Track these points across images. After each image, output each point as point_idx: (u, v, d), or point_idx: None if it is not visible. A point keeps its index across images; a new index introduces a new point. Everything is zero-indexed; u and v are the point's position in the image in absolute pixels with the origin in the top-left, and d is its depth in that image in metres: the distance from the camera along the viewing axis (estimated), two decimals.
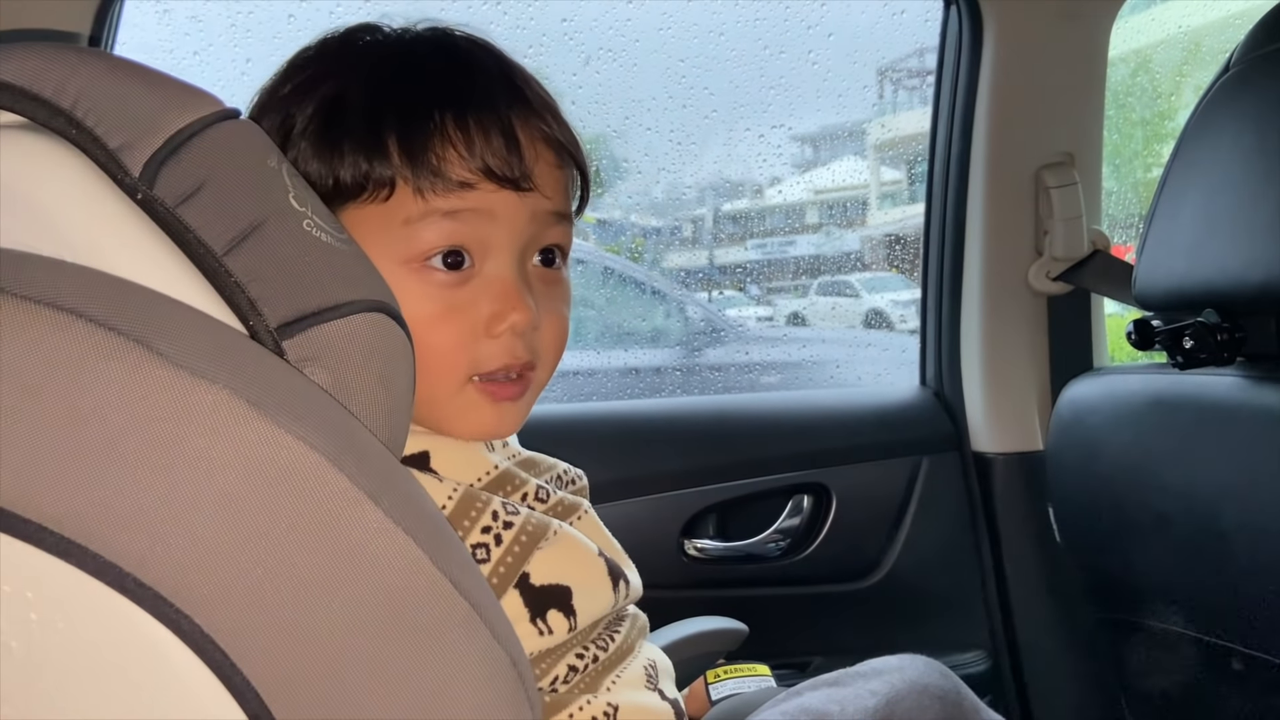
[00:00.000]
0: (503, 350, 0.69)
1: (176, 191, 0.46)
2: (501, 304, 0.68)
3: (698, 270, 2.17)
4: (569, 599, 0.71)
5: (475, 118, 0.67)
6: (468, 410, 0.70)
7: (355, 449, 0.43)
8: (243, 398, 0.40)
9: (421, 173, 0.66)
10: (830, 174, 2.25)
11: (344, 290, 0.48)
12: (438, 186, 0.66)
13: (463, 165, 0.66)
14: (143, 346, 0.39)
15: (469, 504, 0.69)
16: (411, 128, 0.66)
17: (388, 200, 0.67)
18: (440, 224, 0.67)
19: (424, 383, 0.68)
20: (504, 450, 0.79)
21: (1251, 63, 1.00)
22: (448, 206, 0.66)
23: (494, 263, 0.69)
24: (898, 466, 1.46)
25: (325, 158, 0.67)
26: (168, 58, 1.15)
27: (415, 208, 0.66)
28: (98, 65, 0.47)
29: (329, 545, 0.41)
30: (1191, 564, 1.06)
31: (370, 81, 0.69)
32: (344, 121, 0.67)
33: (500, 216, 0.68)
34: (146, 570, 0.39)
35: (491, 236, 0.68)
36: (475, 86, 0.69)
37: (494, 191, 0.67)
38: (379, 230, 0.67)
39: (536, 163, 0.69)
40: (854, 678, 0.86)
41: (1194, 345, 0.99)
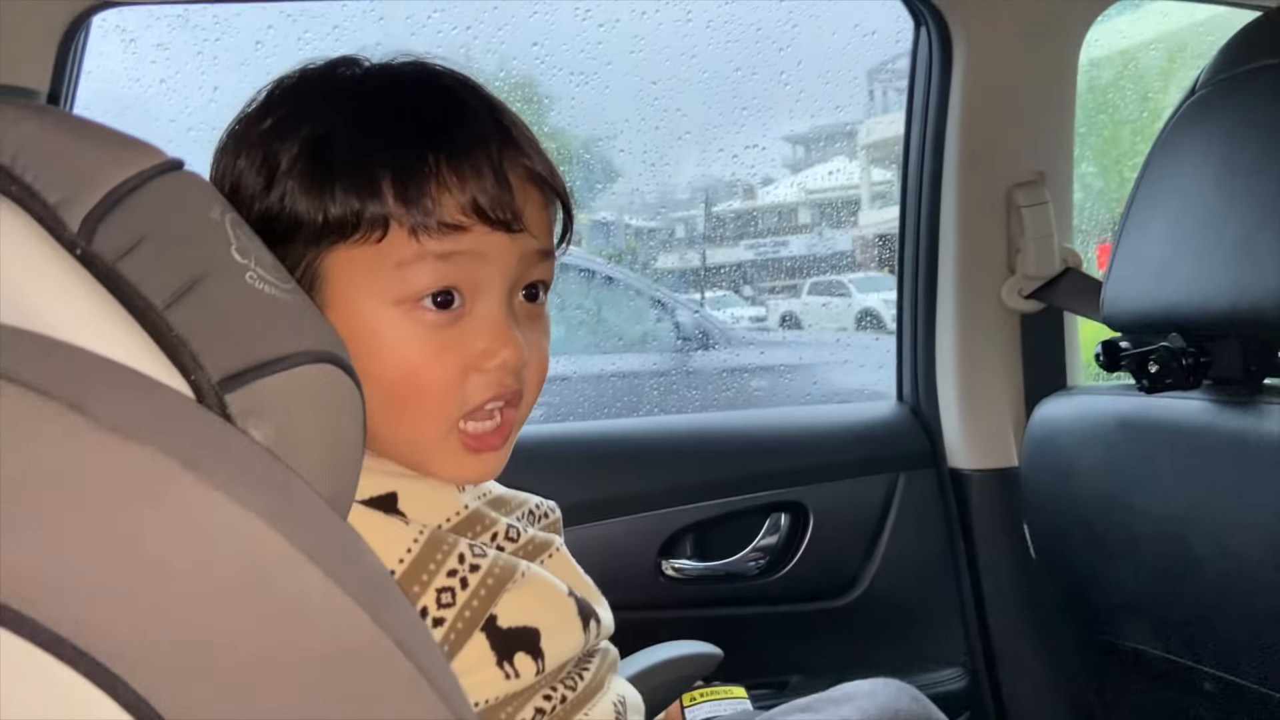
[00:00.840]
0: (492, 383, 0.70)
1: (116, 246, 0.45)
2: (493, 341, 0.69)
3: (689, 271, 2.17)
4: (537, 641, 0.71)
5: (469, 160, 0.67)
6: (450, 457, 0.71)
7: (295, 508, 0.42)
8: (176, 459, 0.40)
9: (416, 215, 0.66)
10: (821, 175, 2.26)
11: (289, 341, 0.48)
12: (431, 229, 0.66)
13: (457, 208, 0.67)
14: (75, 411, 0.39)
15: (434, 548, 0.68)
16: (406, 170, 0.66)
17: (380, 242, 0.66)
18: (433, 266, 0.67)
19: (411, 423, 0.69)
20: (474, 489, 0.78)
21: (1217, 86, 1.00)
22: (441, 249, 0.67)
23: (484, 302, 0.69)
24: (874, 483, 1.46)
25: (315, 195, 0.67)
26: (134, 86, 1.14)
27: (409, 250, 0.66)
28: (37, 119, 0.47)
29: (267, 607, 0.40)
30: (1161, 586, 1.07)
31: (360, 119, 0.68)
32: (334, 160, 0.67)
33: (491, 257, 0.68)
34: (81, 635, 0.39)
35: (482, 277, 0.69)
36: (466, 128, 0.69)
37: (487, 234, 0.68)
38: (370, 271, 0.67)
39: (526, 204, 0.70)
40: (826, 703, 0.87)
41: (1159, 370, 0.99)
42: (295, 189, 0.67)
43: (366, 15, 1.24)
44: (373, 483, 0.69)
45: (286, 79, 0.72)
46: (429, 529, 0.69)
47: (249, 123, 0.71)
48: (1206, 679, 1.04)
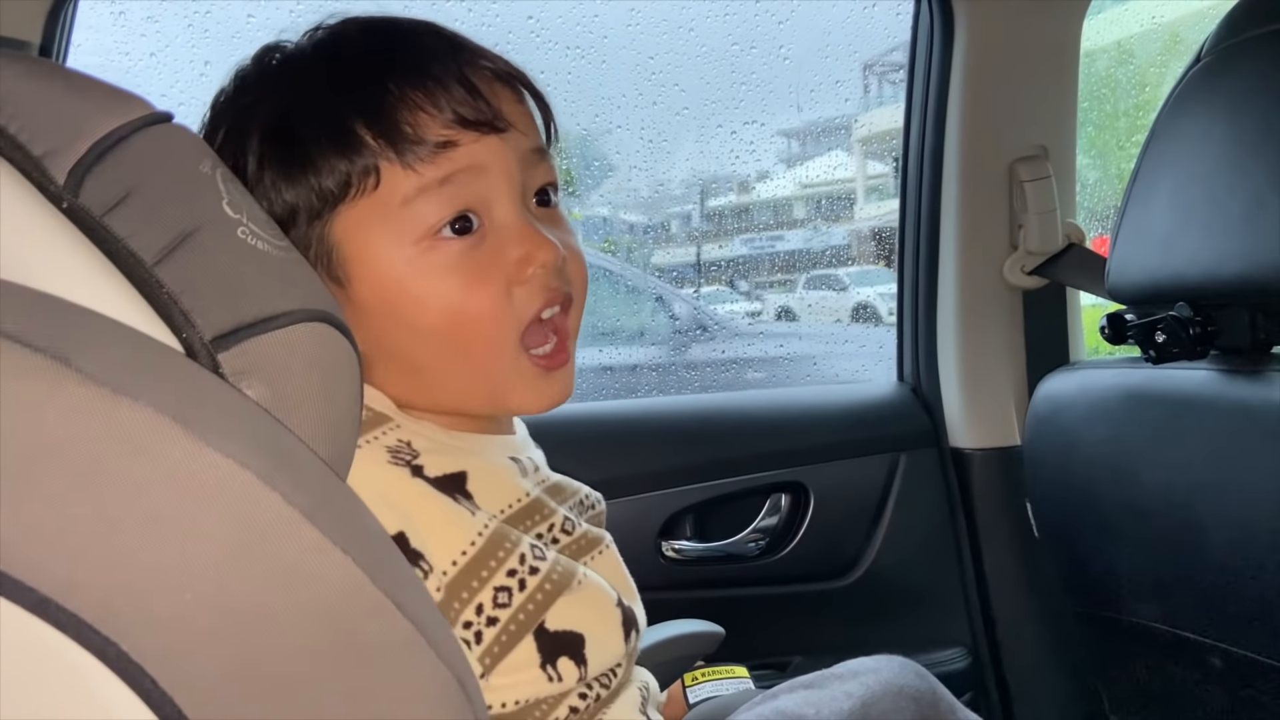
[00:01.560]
0: (537, 289, 0.68)
1: (103, 199, 0.44)
2: (525, 246, 0.67)
3: (684, 266, 2.16)
4: (582, 647, 0.70)
5: (429, 76, 0.66)
6: (527, 384, 0.70)
7: (290, 466, 0.41)
8: (168, 415, 0.38)
9: (402, 145, 0.64)
10: (816, 168, 2.24)
11: (282, 300, 0.47)
12: (422, 153, 0.64)
13: (437, 123, 0.65)
14: (61, 363, 0.38)
15: (497, 544, 0.67)
16: (374, 108, 0.65)
17: (378, 188, 0.65)
18: (438, 193, 0.65)
19: (478, 359, 0.68)
20: (535, 475, 0.77)
21: (1221, 53, 0.99)
22: (440, 174, 0.65)
23: (500, 214, 0.68)
24: (875, 463, 1.45)
25: (298, 178, 0.65)
26: (124, 59, 1.13)
27: (408, 184, 0.65)
28: (22, 70, 0.45)
29: (263, 567, 0.39)
30: (1167, 559, 1.06)
31: (307, 87, 0.67)
32: (301, 136, 0.65)
33: (490, 168, 0.67)
34: (70, 596, 0.38)
35: (489, 191, 0.67)
36: (412, 49, 0.68)
37: (476, 141, 0.66)
38: (380, 220, 0.65)
39: (501, 102, 0.68)
40: (830, 680, 0.86)
41: (1166, 339, 0.98)
42: (276, 181, 0.66)
43: None
44: (445, 460, 0.68)
45: (221, 92, 0.71)
46: (494, 523, 0.68)
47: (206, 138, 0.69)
48: (1215, 653, 1.03)
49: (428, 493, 0.66)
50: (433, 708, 0.42)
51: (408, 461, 0.67)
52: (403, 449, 0.67)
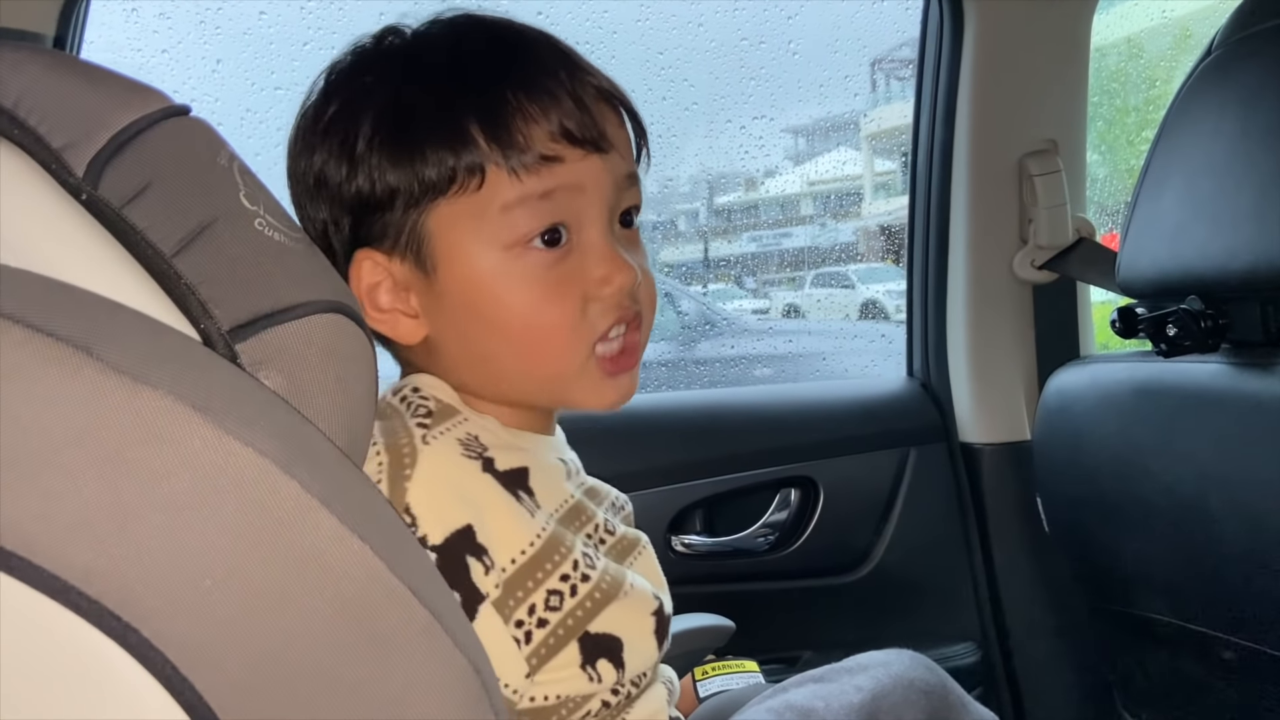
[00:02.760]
0: (611, 308, 0.70)
1: (122, 191, 0.44)
2: (607, 268, 0.69)
3: (692, 263, 2.16)
4: (620, 651, 0.71)
5: (544, 88, 0.67)
6: (592, 385, 0.71)
7: (307, 454, 0.42)
8: (188, 403, 0.39)
9: (511, 152, 0.66)
10: (823, 166, 2.24)
11: (299, 291, 0.47)
12: (528, 163, 0.66)
13: (546, 136, 0.66)
14: (83, 352, 0.38)
15: (553, 548, 0.69)
16: (490, 111, 0.66)
17: (480, 189, 0.66)
18: (537, 205, 0.67)
19: (550, 362, 0.70)
20: (576, 479, 0.79)
21: (1233, 46, 0.99)
22: (542, 187, 0.67)
23: (589, 232, 0.69)
24: (885, 458, 1.45)
25: (405, 163, 0.66)
26: (135, 56, 1.13)
27: (511, 192, 0.66)
28: (41, 63, 0.46)
29: (280, 554, 0.40)
30: (1178, 553, 1.06)
31: (428, 77, 0.68)
32: (414, 123, 0.66)
33: (588, 188, 0.68)
34: (91, 582, 0.38)
35: (583, 209, 0.69)
36: (532, 60, 0.69)
37: (580, 160, 0.67)
38: (476, 220, 0.67)
39: (605, 123, 0.69)
40: (840, 673, 0.86)
41: (1178, 333, 0.98)
42: (382, 163, 0.67)
43: None
44: (510, 455, 0.70)
45: (339, 63, 0.72)
46: (551, 524, 0.70)
47: (314, 115, 0.70)
48: (1226, 647, 1.03)
49: (496, 489, 0.68)
50: (449, 694, 0.43)
51: (479, 454, 0.69)
52: (472, 442, 0.69)
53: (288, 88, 1.19)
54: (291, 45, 1.21)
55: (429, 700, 0.42)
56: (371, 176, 0.67)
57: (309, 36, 1.21)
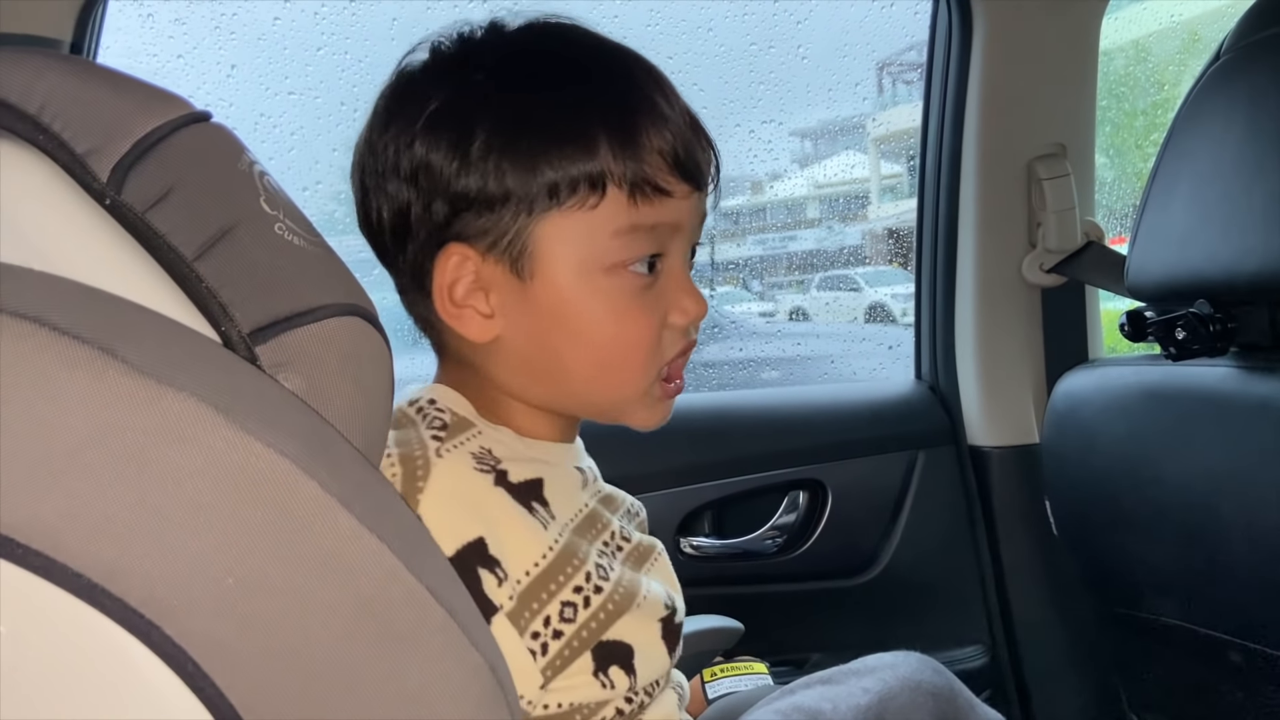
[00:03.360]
0: (681, 335, 0.73)
1: (145, 196, 0.45)
2: (688, 300, 0.71)
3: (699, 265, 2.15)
4: (631, 657, 0.72)
5: (660, 112, 0.68)
6: (650, 407, 0.74)
7: (327, 455, 0.42)
8: (210, 404, 0.39)
9: (638, 182, 0.66)
10: (830, 169, 2.24)
11: (317, 294, 0.48)
12: (648, 192, 0.67)
13: (664, 166, 0.67)
14: (107, 354, 0.39)
15: (567, 559, 0.69)
16: (619, 124, 0.66)
17: (596, 208, 0.66)
18: (644, 236, 0.68)
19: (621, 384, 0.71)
20: (592, 487, 0.79)
21: (1242, 50, 0.99)
22: (652, 220, 0.68)
23: (673, 262, 0.72)
24: (893, 461, 1.45)
25: (527, 167, 0.66)
26: (151, 61, 1.14)
27: (625, 218, 0.67)
28: (64, 69, 0.46)
29: (301, 553, 0.40)
30: (1187, 556, 1.06)
31: (557, 86, 0.68)
32: (542, 128, 0.66)
33: (684, 224, 0.71)
34: (115, 580, 0.39)
35: (676, 243, 0.71)
36: (656, 90, 0.69)
37: (685, 198, 0.70)
38: (586, 238, 0.67)
39: (701, 158, 0.71)
40: (847, 675, 0.86)
41: (1186, 336, 0.98)
42: (502, 165, 0.66)
43: None
44: (524, 467, 0.71)
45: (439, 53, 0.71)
46: (565, 535, 0.71)
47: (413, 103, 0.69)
48: (1234, 650, 1.03)
49: (509, 502, 0.69)
50: (466, 692, 0.43)
51: (492, 468, 0.69)
52: (486, 456, 0.70)
53: (301, 92, 1.21)
54: (305, 50, 1.22)
55: (445, 698, 0.43)
56: (486, 177, 0.66)
57: (323, 42, 1.22)
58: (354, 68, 1.22)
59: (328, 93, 1.20)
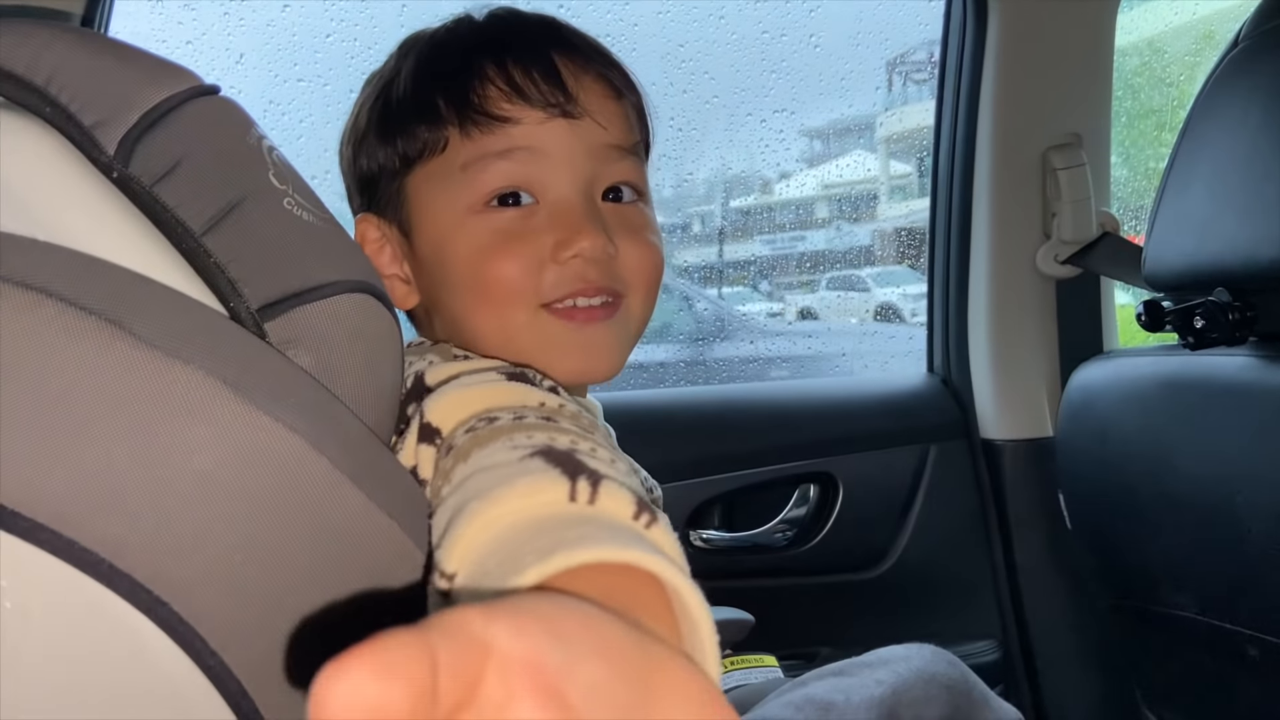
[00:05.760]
0: (573, 276, 0.66)
1: (153, 169, 0.44)
2: (566, 231, 0.66)
3: (707, 267, 2.15)
4: None
5: (514, 58, 0.67)
6: (549, 344, 0.67)
7: (337, 431, 0.42)
8: (219, 378, 0.39)
9: (466, 114, 0.66)
10: (839, 168, 2.23)
11: (327, 270, 0.47)
12: (481, 124, 0.66)
13: (503, 98, 0.66)
14: (115, 326, 0.38)
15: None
16: (455, 81, 0.67)
17: (444, 152, 0.67)
18: (495, 165, 0.66)
19: (496, 318, 0.67)
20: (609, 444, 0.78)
21: (1259, 37, 0.98)
22: (499, 146, 0.66)
23: (554, 196, 0.67)
24: (905, 455, 1.44)
25: (389, 139, 0.69)
26: (160, 47, 1.12)
27: (467, 151, 0.66)
28: (71, 41, 0.46)
29: (310, 529, 0.40)
30: (1204, 548, 1.04)
31: (422, 58, 0.70)
32: (399, 101, 0.69)
33: (554, 153, 0.67)
34: (122, 556, 0.38)
35: (549, 175, 0.67)
36: (515, 35, 0.70)
37: (541, 124, 0.66)
38: (442, 181, 0.67)
39: (582, 91, 0.68)
40: (860, 667, 0.85)
41: (1205, 325, 0.97)
42: (374, 140, 0.70)
43: None
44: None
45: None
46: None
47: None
48: (1250, 643, 1.02)
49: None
50: None
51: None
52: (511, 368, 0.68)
53: (310, 80, 1.20)
54: (314, 38, 1.21)
55: None
56: (368, 153, 0.70)
57: (331, 29, 1.22)
58: (363, 55, 1.22)
59: (337, 80, 1.20)
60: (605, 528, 0.38)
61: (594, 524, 0.39)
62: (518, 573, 0.33)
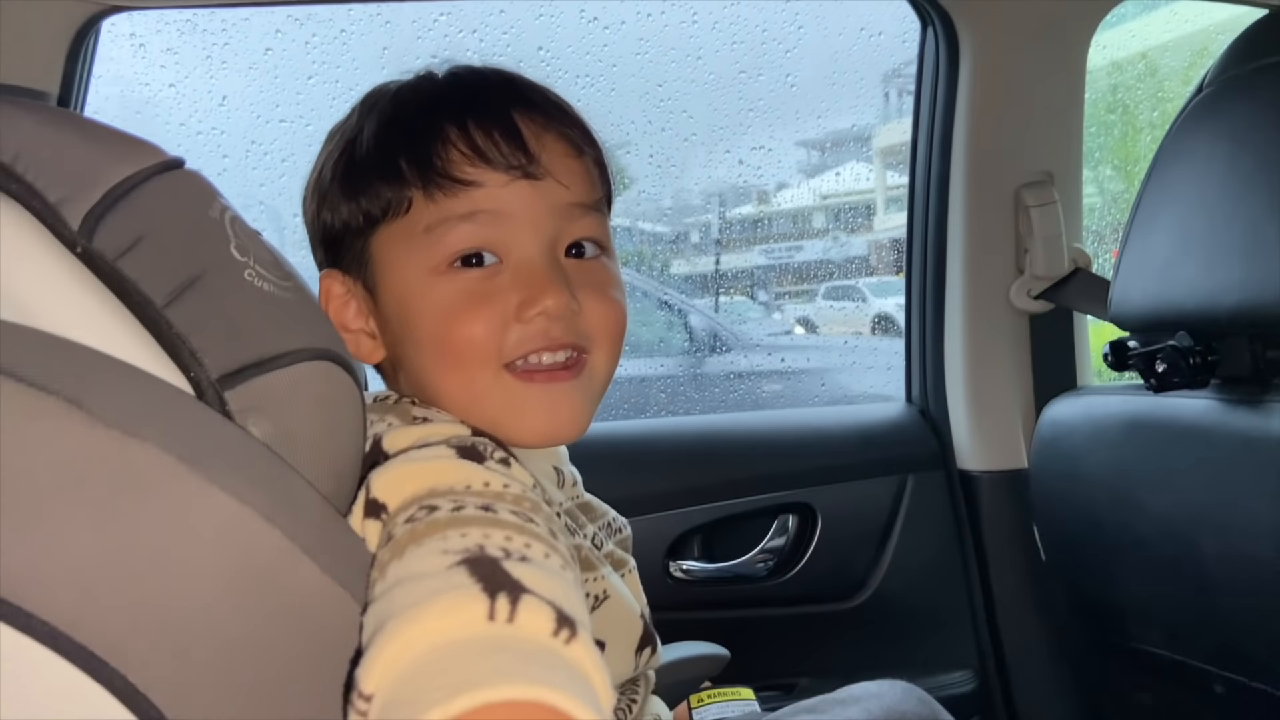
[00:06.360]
0: (536, 333, 0.67)
1: (116, 244, 0.46)
2: (531, 290, 0.66)
3: (703, 277, 2.16)
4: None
5: (475, 119, 0.68)
6: (514, 405, 0.67)
7: (292, 503, 0.43)
8: (173, 454, 0.40)
9: (429, 177, 0.66)
10: (836, 180, 2.24)
11: (287, 339, 0.48)
12: (444, 187, 0.66)
13: (466, 162, 0.67)
14: (74, 406, 0.39)
15: None
16: (418, 143, 0.67)
17: (408, 213, 0.68)
18: (459, 227, 0.67)
19: (460, 379, 0.67)
20: (569, 489, 0.78)
21: (1224, 84, 0.99)
22: (462, 209, 0.66)
23: (518, 256, 0.68)
24: (883, 485, 1.45)
25: (352, 197, 0.69)
26: (143, 90, 1.15)
27: (431, 213, 0.67)
28: (37, 118, 0.47)
29: (264, 603, 0.41)
30: (1170, 587, 1.06)
31: (384, 117, 0.71)
32: (362, 158, 0.69)
33: (517, 215, 0.67)
34: (79, 629, 0.39)
35: (513, 236, 0.68)
36: (476, 96, 0.70)
37: (504, 186, 0.67)
38: (406, 242, 0.68)
39: (544, 152, 0.68)
40: (832, 704, 0.86)
41: (1166, 369, 0.98)
42: (336, 195, 0.70)
43: (373, 19, 1.25)
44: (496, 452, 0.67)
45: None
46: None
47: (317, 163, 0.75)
48: (1217, 680, 1.03)
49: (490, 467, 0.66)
50: None
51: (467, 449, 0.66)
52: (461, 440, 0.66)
53: (292, 120, 1.22)
54: (296, 79, 1.23)
55: None
56: (333, 209, 0.71)
57: (313, 71, 1.24)
58: (345, 96, 1.23)
59: (318, 120, 1.21)
60: (519, 655, 0.40)
61: (508, 651, 0.41)
62: (425, 709, 0.36)
